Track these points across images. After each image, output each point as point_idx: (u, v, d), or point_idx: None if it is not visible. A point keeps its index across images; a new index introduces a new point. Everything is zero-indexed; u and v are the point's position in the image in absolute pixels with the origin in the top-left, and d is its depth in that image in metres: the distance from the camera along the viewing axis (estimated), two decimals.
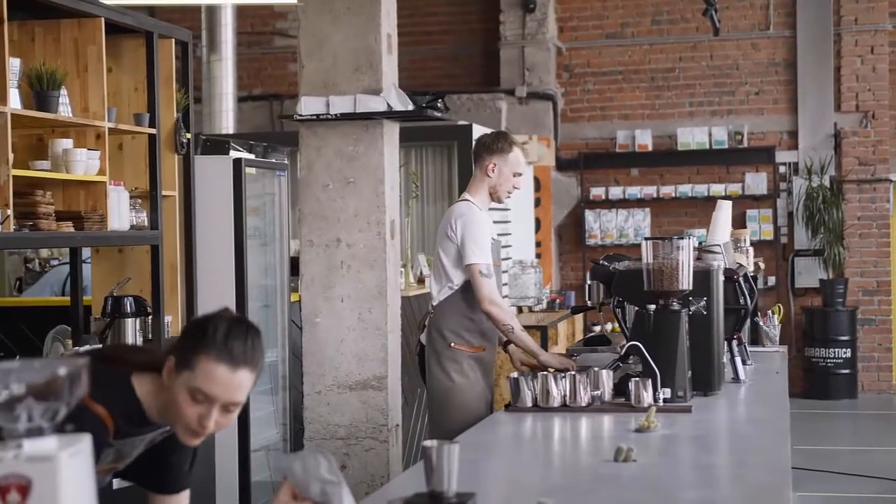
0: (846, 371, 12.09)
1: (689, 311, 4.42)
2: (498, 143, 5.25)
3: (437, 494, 2.71)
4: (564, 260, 12.99)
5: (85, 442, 1.81)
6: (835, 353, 12.06)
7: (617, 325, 11.63)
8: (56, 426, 1.80)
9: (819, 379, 12.11)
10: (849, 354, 12.08)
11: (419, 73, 13.21)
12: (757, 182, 12.47)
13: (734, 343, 5.02)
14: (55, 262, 8.48)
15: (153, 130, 5.52)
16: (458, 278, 5.12)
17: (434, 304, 5.23)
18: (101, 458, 2.61)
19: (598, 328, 11.85)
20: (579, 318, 11.08)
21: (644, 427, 3.74)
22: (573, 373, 4.29)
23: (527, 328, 8.98)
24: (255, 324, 2.67)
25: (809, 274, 12.40)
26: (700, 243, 5.35)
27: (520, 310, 10.27)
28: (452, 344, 5.13)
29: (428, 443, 2.72)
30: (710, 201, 12.32)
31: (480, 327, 5.16)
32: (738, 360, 4.98)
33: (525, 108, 12.69)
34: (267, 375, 6.75)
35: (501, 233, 10.08)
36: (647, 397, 4.14)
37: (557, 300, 10.91)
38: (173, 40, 5.82)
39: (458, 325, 5.14)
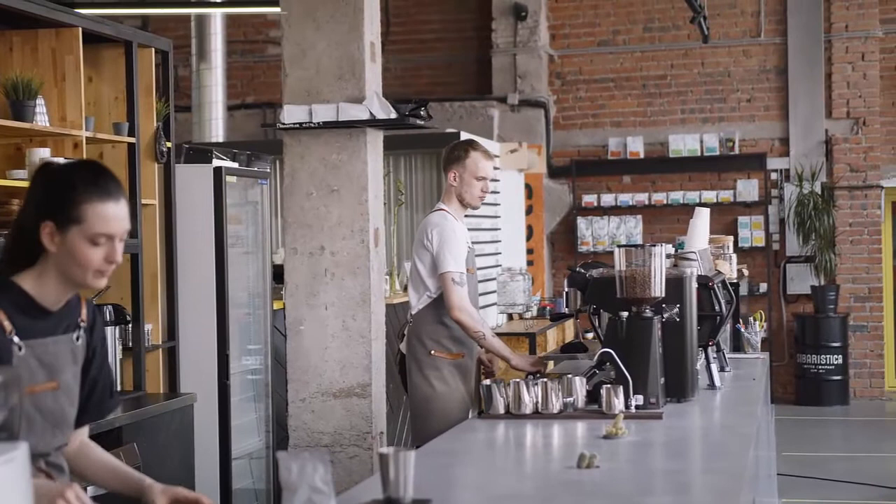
0: (838, 377, 12.10)
1: (662, 318, 4.43)
2: (454, 151, 5.38)
3: (393, 501, 2.73)
4: (557, 267, 13.00)
5: (20, 450, 1.83)
6: (826, 359, 12.06)
7: None
8: None
9: (811, 385, 12.12)
10: (840, 361, 12.08)
11: (412, 80, 13.25)
12: (748, 189, 12.48)
13: (710, 350, 5.03)
14: None
15: (132, 139, 5.54)
16: (435, 287, 5.21)
17: (413, 312, 5.32)
18: (20, 362, 2.60)
19: (590, 335, 11.85)
20: (570, 325, 11.10)
21: (612, 434, 3.75)
22: (545, 380, 4.30)
23: (516, 335, 9.09)
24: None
25: (801, 280, 12.41)
26: (676, 250, 5.36)
27: (510, 317, 10.29)
28: (432, 352, 5.23)
29: (384, 450, 2.74)
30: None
31: (458, 334, 5.23)
32: (713, 366, 4.98)
33: (517, 115, 12.71)
34: (250, 383, 6.76)
35: (491, 240, 10.14)
36: (619, 404, 4.15)
37: (548, 307, 10.93)
38: (153, 49, 5.84)
39: (436, 332, 5.24)
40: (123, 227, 2.67)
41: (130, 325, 5.54)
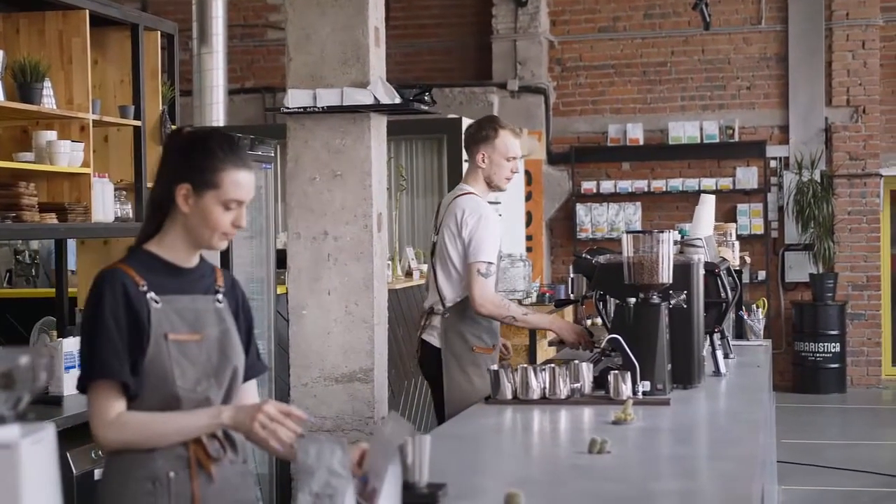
0: (835, 365, 12.13)
1: (670, 304, 4.43)
2: (482, 130, 5.14)
3: (409, 485, 2.74)
4: (556, 254, 13.01)
5: (48, 431, 1.83)
6: (824, 347, 12.09)
7: None
8: (18, 414, 1.82)
9: (808, 373, 12.15)
10: (838, 349, 12.12)
11: (412, 65, 13.23)
12: (748, 176, 12.49)
13: (715, 336, 5.03)
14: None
15: (138, 122, 5.54)
16: None
17: (447, 304, 5.08)
18: (158, 314, 2.76)
19: (589, 321, 11.87)
20: (570, 311, 11.11)
21: (621, 419, 3.76)
22: (552, 365, 4.30)
23: None
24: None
25: (799, 268, 12.43)
26: (682, 237, 5.36)
27: None
28: (474, 348, 5.04)
29: None
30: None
31: (494, 326, 5.09)
32: (718, 353, 4.99)
33: (517, 101, 12.71)
34: None
35: None
36: (626, 390, 4.16)
37: (548, 294, 10.93)
38: (159, 32, 5.83)
39: (477, 326, 5.06)
40: (251, 194, 2.84)
41: None
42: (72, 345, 5.05)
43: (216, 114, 10.95)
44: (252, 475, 2.95)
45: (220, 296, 2.92)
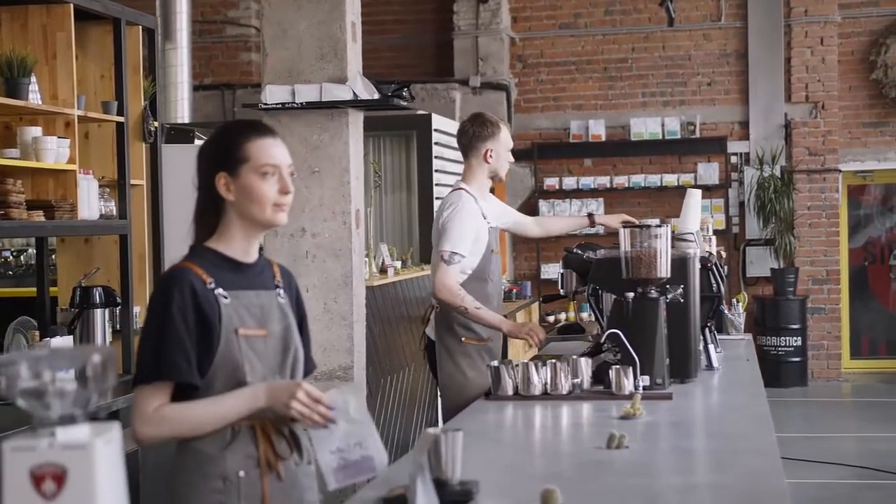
0: (797, 359, 12.25)
1: (667, 298, 4.44)
2: (486, 128, 5.23)
3: (442, 482, 2.71)
4: (518, 250, 13.02)
5: (115, 430, 1.79)
6: (786, 341, 12.20)
7: (574, 314, 11.63)
8: (88, 413, 1.77)
9: (770, 367, 12.21)
10: (799, 342, 12.23)
11: (373, 62, 13.13)
12: (709, 172, 12.57)
13: (706, 331, 5.05)
14: (6, 253, 8.36)
15: (121, 118, 5.45)
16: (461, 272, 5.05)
17: (439, 297, 5.09)
18: (228, 309, 2.75)
19: (551, 318, 11.89)
20: (535, 307, 11.14)
21: (630, 414, 3.76)
22: (554, 361, 4.28)
23: None
24: None
25: (761, 263, 12.53)
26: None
27: None
28: (463, 339, 5.09)
29: (432, 430, 2.72)
30: (663, 191, 12.45)
31: None
32: (711, 347, 5.01)
33: (479, 98, 12.69)
34: None
35: None
36: (629, 385, 4.16)
37: (514, 290, 10.95)
38: (140, 27, 5.75)
39: (466, 318, 5.07)
40: (286, 159, 2.84)
41: (119, 308, 5.44)
42: (59, 344, 4.97)
43: (181, 111, 10.89)
44: (314, 477, 2.91)
45: (281, 291, 2.91)
